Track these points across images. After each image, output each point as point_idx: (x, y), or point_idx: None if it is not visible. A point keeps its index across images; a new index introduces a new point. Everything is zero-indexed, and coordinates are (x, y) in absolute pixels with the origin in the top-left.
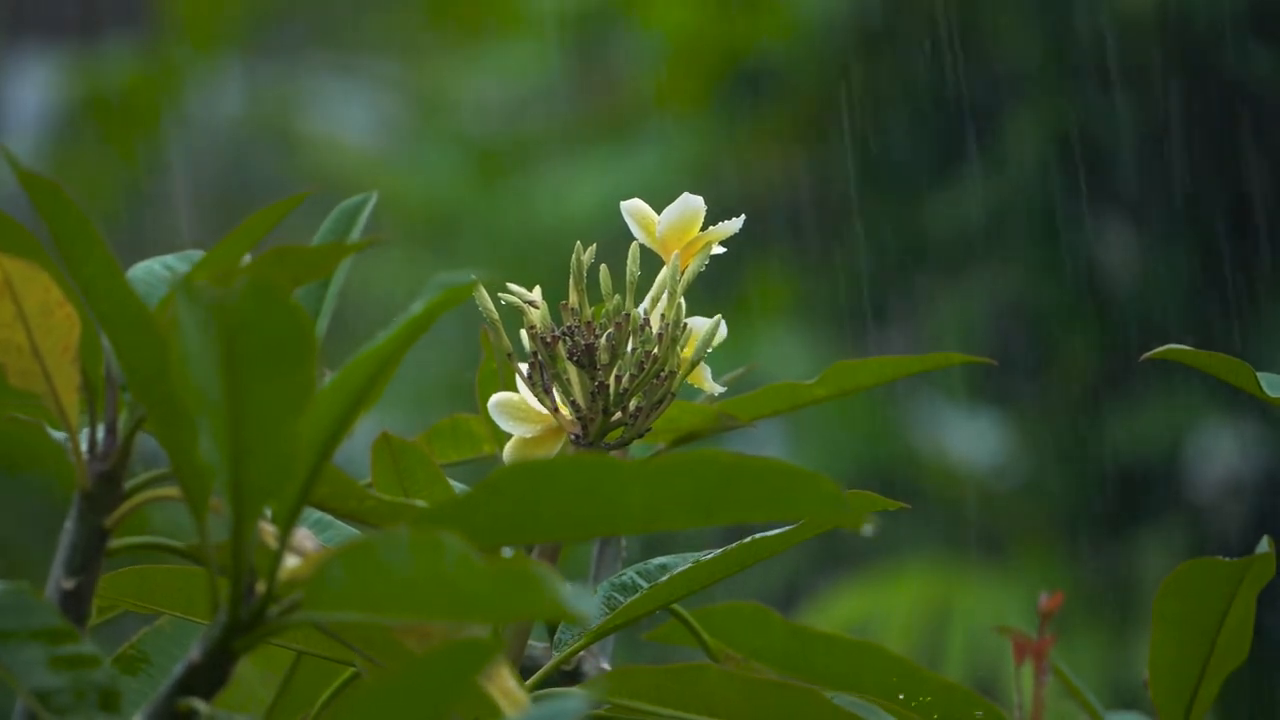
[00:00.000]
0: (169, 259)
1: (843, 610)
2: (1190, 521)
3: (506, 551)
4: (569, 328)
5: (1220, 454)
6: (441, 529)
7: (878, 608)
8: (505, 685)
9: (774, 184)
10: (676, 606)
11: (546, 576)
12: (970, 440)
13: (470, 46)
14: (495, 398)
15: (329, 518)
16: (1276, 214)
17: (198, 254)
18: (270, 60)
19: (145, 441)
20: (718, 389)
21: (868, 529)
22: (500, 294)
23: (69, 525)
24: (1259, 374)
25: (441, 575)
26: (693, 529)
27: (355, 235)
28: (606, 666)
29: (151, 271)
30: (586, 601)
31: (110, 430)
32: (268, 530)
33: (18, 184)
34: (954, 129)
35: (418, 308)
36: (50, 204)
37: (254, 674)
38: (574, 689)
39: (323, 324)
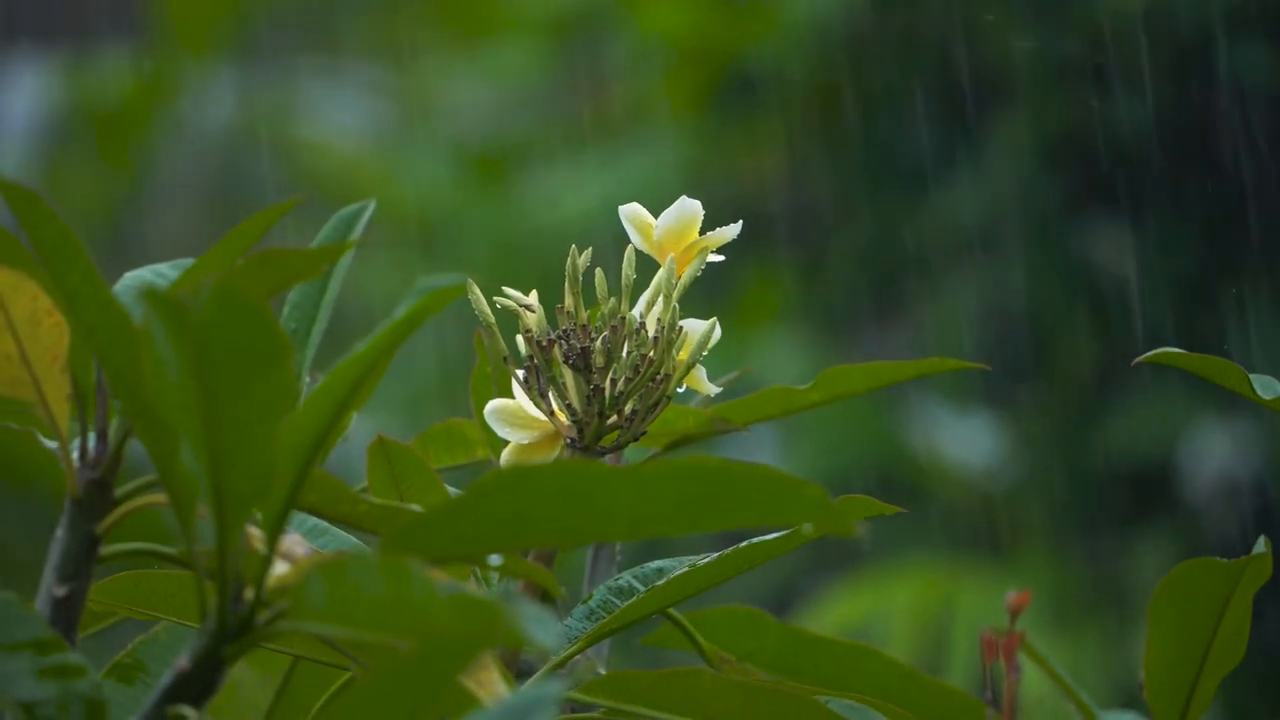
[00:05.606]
0: (161, 267)
1: (840, 612)
2: (1185, 521)
3: (495, 558)
4: (564, 331)
5: (1214, 454)
6: (429, 535)
7: (875, 610)
8: (483, 677)
9: (767, 187)
10: (672, 611)
11: (508, 606)
12: (965, 441)
13: (462, 50)
14: (492, 404)
15: (324, 524)
16: (1270, 214)
17: (190, 261)
18: (262, 65)
19: (136, 448)
20: (714, 390)
21: (857, 532)
22: (496, 297)
23: (60, 533)
24: (1251, 376)
25: (408, 600)
26: (689, 533)
27: None
28: (602, 670)
29: (143, 280)
30: (549, 631)
31: (101, 437)
32: (256, 536)
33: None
34: (947, 130)
35: (402, 312)
36: (31, 214)
37: (252, 678)
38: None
39: (319, 328)
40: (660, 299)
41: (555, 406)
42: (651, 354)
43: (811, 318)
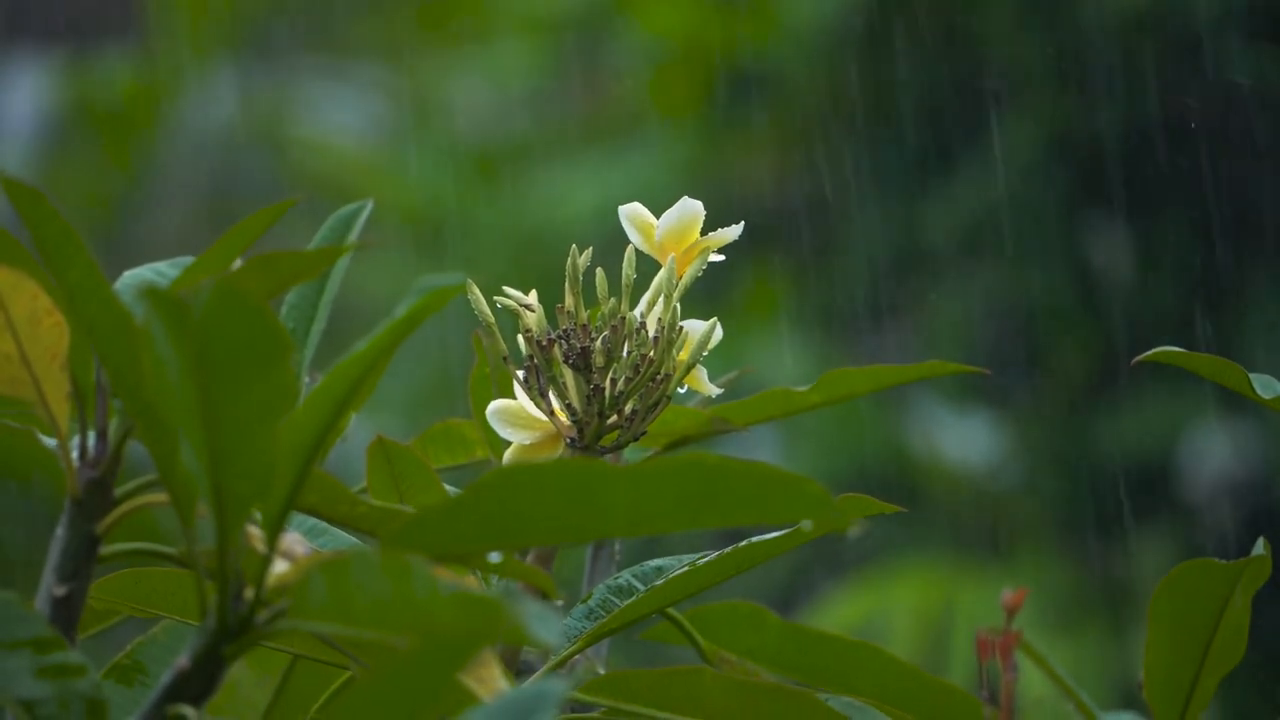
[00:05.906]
0: (160, 265)
1: (843, 612)
2: (1185, 521)
3: (495, 556)
4: (564, 331)
5: (1214, 454)
6: (429, 534)
7: (878, 609)
8: (483, 674)
9: (768, 187)
10: (671, 610)
11: (510, 603)
12: (965, 441)
13: (463, 49)
14: (494, 405)
15: (324, 524)
16: (1269, 214)
17: (189, 260)
18: (262, 65)
19: (136, 448)
20: (715, 390)
21: (855, 530)
22: (496, 297)
23: (60, 532)
24: (1251, 375)
25: (410, 598)
26: (689, 530)
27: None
28: (601, 670)
29: (142, 278)
30: (551, 628)
31: (101, 437)
32: (255, 536)
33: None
34: (947, 131)
35: (401, 311)
36: (33, 211)
37: (250, 678)
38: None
39: (317, 328)
40: (661, 299)
41: (555, 406)
42: (651, 354)
43: (811, 318)
